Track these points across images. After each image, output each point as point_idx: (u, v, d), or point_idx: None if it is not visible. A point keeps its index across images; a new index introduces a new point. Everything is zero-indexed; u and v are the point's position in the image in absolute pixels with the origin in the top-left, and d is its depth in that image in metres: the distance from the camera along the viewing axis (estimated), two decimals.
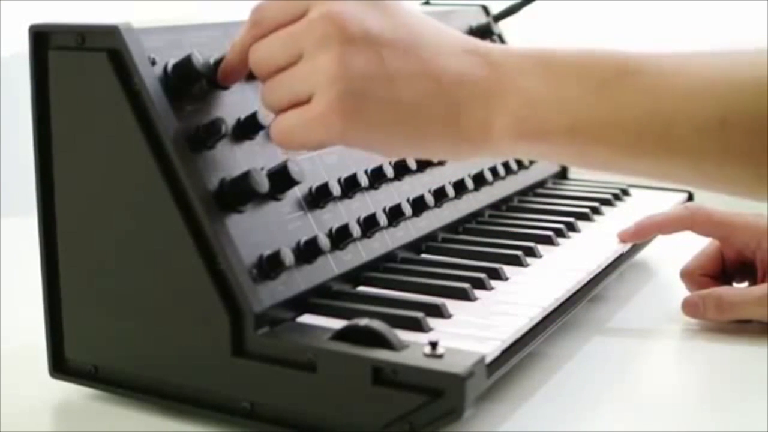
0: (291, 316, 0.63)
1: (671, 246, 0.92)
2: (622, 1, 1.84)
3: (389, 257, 0.74)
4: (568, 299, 0.73)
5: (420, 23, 0.60)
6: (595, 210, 0.95)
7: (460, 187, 0.85)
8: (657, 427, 0.64)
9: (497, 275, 0.74)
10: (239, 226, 0.62)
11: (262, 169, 0.64)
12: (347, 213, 0.71)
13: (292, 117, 0.59)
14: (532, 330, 0.66)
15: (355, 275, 0.70)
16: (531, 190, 1.00)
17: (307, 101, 0.58)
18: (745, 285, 0.84)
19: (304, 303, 0.64)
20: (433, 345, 0.56)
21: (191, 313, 0.61)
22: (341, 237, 0.68)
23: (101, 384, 0.67)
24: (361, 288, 0.70)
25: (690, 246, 0.85)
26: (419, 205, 0.79)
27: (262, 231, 0.63)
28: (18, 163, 1.17)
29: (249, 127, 0.66)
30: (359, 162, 0.75)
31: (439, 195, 0.82)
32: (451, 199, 0.83)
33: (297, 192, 0.67)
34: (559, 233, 0.86)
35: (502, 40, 1.04)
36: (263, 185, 0.63)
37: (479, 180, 0.89)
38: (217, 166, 0.63)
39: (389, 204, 0.76)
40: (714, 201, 0.81)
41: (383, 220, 0.73)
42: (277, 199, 0.66)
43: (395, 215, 0.76)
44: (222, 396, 0.62)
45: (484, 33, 1.00)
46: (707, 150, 0.55)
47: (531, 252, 0.80)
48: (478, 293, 0.70)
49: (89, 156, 0.64)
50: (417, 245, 0.79)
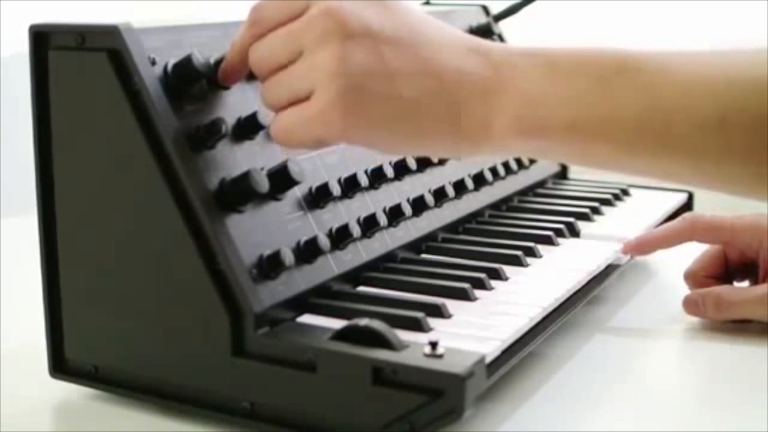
0: (291, 316, 0.63)
1: None
2: (622, 1, 1.84)
3: (389, 257, 0.74)
4: (568, 299, 0.73)
5: (420, 21, 0.60)
6: (595, 210, 0.95)
7: (460, 187, 0.85)
8: (657, 427, 0.64)
9: (497, 275, 0.74)
10: (239, 226, 0.62)
11: (262, 169, 0.64)
12: (347, 213, 0.71)
13: (291, 115, 0.59)
14: (532, 330, 0.67)
15: (355, 275, 0.70)
16: (531, 190, 1.00)
17: (307, 99, 0.58)
18: (746, 284, 0.84)
19: (304, 303, 0.64)
20: (433, 345, 0.56)
21: (191, 313, 0.61)
22: (341, 237, 0.68)
23: (101, 384, 0.67)
24: (361, 288, 0.70)
25: (690, 246, 0.85)
26: (419, 205, 0.79)
27: (262, 231, 0.63)
28: (18, 163, 1.17)
29: (249, 127, 0.66)
30: (359, 162, 0.75)
31: (439, 195, 0.82)
32: (451, 199, 0.83)
33: (297, 192, 0.67)
34: (559, 233, 0.86)
35: (502, 40, 1.04)
36: (263, 185, 0.63)
37: (479, 180, 0.89)
38: (217, 166, 0.63)
39: (389, 204, 0.76)
40: (714, 201, 0.81)
41: (383, 220, 0.73)
42: (277, 199, 0.66)
43: (395, 215, 0.76)
44: (222, 396, 0.62)
45: (484, 33, 1.00)
46: (706, 148, 0.55)
47: (531, 252, 0.80)
48: (478, 293, 0.70)
49: (89, 156, 0.64)
50: (417, 245, 0.79)
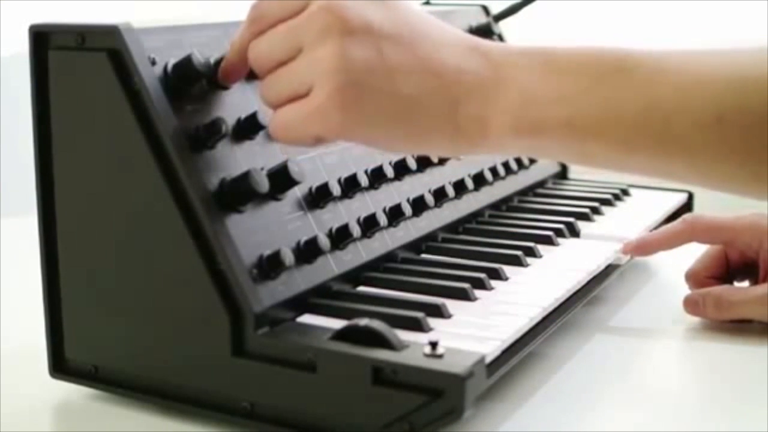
0: (291, 316, 0.63)
1: None
2: (622, 1, 1.84)
3: (389, 257, 0.74)
4: (568, 299, 0.73)
5: (420, 19, 0.60)
6: (595, 210, 0.95)
7: (460, 187, 0.85)
8: (657, 427, 0.64)
9: (497, 275, 0.74)
10: (239, 226, 0.62)
11: (262, 169, 0.64)
12: (347, 213, 0.71)
13: (290, 111, 0.59)
14: (532, 330, 0.67)
15: (355, 275, 0.70)
16: (531, 190, 1.00)
17: (306, 95, 0.58)
18: (746, 284, 0.84)
19: (304, 303, 0.64)
20: (433, 345, 0.56)
21: (191, 313, 0.61)
22: (341, 237, 0.68)
23: (101, 384, 0.67)
24: (361, 288, 0.70)
25: (690, 246, 0.85)
26: (419, 205, 0.79)
27: (262, 231, 0.63)
28: (18, 163, 1.17)
29: (249, 127, 0.66)
30: (359, 162, 0.75)
31: (439, 195, 0.82)
32: (451, 199, 0.83)
33: (297, 192, 0.67)
34: (559, 233, 0.86)
35: (502, 40, 1.04)
36: (263, 185, 0.63)
37: (479, 180, 0.89)
38: (217, 166, 0.63)
39: (389, 204, 0.76)
40: (714, 201, 0.81)
41: (383, 220, 0.73)
42: (277, 199, 0.65)
43: (395, 215, 0.76)
44: (222, 396, 0.62)
45: (484, 33, 1.00)
46: (704, 147, 0.55)
47: (531, 252, 0.80)
48: (478, 293, 0.70)
49: (89, 156, 0.64)
50: (417, 245, 0.79)
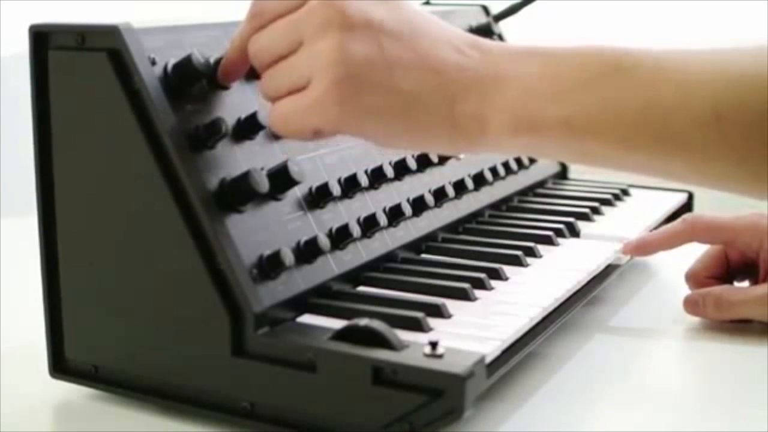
0: (291, 316, 0.63)
1: None
2: (622, 1, 1.84)
3: (389, 257, 0.74)
4: (568, 299, 0.73)
5: (421, 17, 0.60)
6: (595, 210, 0.95)
7: (460, 187, 0.85)
8: (657, 427, 0.64)
9: (497, 275, 0.74)
10: (239, 226, 0.62)
11: (262, 169, 0.64)
12: (347, 213, 0.71)
13: (288, 103, 0.59)
14: (532, 330, 0.66)
15: (355, 275, 0.70)
16: (531, 190, 1.00)
17: (306, 88, 0.58)
18: (746, 284, 0.84)
19: (304, 303, 0.64)
20: (433, 345, 0.56)
21: (191, 313, 0.61)
22: (341, 237, 0.68)
23: (101, 384, 0.67)
24: (361, 288, 0.70)
25: (690, 246, 0.85)
26: (419, 205, 0.79)
27: (262, 231, 0.63)
28: (18, 163, 1.17)
29: (249, 127, 0.66)
30: (359, 162, 0.75)
31: (439, 195, 0.82)
32: (451, 199, 0.83)
33: (297, 192, 0.67)
34: (559, 233, 0.86)
35: (502, 40, 1.04)
36: (263, 185, 0.63)
37: (479, 180, 0.89)
38: (217, 166, 0.63)
39: (389, 204, 0.76)
40: (714, 201, 0.81)
41: (383, 220, 0.73)
42: (277, 199, 0.65)
43: (395, 215, 0.76)
44: (222, 396, 0.62)
45: (484, 33, 1.00)
46: (703, 145, 0.55)
47: (531, 252, 0.80)
48: (478, 293, 0.70)
49: (89, 156, 0.64)
50: (417, 245, 0.79)
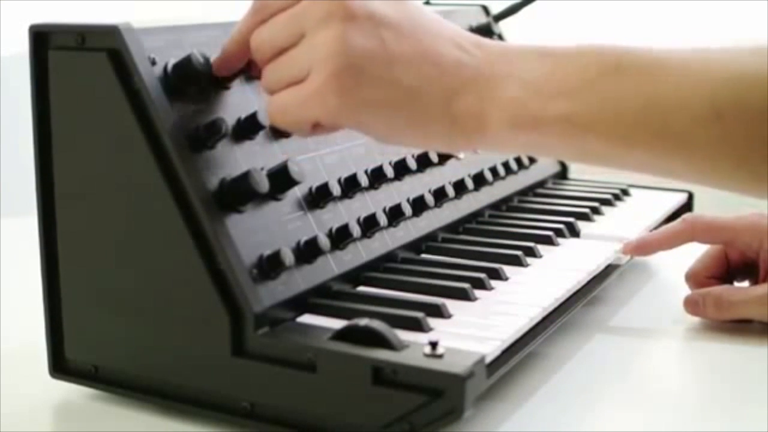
0: (291, 316, 0.63)
1: None
2: (622, 1, 1.84)
3: (389, 257, 0.74)
4: (568, 299, 0.73)
5: (422, 14, 0.60)
6: (595, 210, 0.95)
7: (460, 187, 0.85)
8: (657, 427, 0.64)
9: (497, 275, 0.74)
10: (239, 226, 0.62)
11: (262, 169, 0.64)
12: (347, 213, 0.71)
13: (288, 94, 0.59)
14: (532, 330, 0.66)
15: (355, 275, 0.70)
16: (531, 190, 1.00)
17: (306, 80, 0.58)
18: (746, 284, 0.84)
19: (304, 303, 0.64)
20: (433, 345, 0.56)
21: (191, 313, 0.61)
22: (341, 237, 0.68)
23: (101, 384, 0.67)
24: (361, 288, 0.70)
25: (690, 246, 0.85)
26: (419, 205, 0.79)
27: (262, 231, 0.63)
28: (18, 163, 1.17)
29: (249, 127, 0.66)
30: (359, 162, 0.75)
31: (439, 195, 0.82)
32: (451, 199, 0.83)
33: (297, 192, 0.67)
34: (559, 233, 0.86)
35: (502, 39, 1.04)
36: (263, 185, 0.63)
37: (479, 180, 0.89)
38: (217, 166, 0.63)
39: (389, 204, 0.76)
40: (714, 201, 0.81)
41: (383, 220, 0.73)
42: (277, 199, 0.65)
43: (395, 215, 0.76)
44: (222, 396, 0.62)
45: (484, 33, 1.00)
46: (702, 143, 0.55)
47: (531, 252, 0.80)
48: (478, 293, 0.70)
49: (89, 156, 0.64)
50: (417, 245, 0.79)
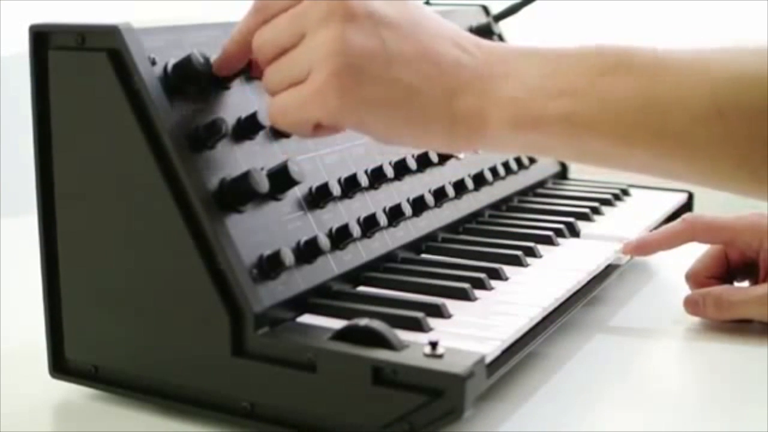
0: (291, 316, 0.63)
1: None
2: (622, 1, 1.84)
3: (389, 257, 0.74)
4: (568, 299, 0.73)
5: (422, 14, 0.60)
6: (595, 210, 0.95)
7: (460, 187, 0.85)
8: (657, 427, 0.64)
9: (497, 275, 0.74)
10: (239, 226, 0.62)
11: (262, 169, 0.64)
12: (347, 213, 0.71)
13: (288, 95, 0.59)
14: (532, 330, 0.66)
15: (355, 275, 0.70)
16: (531, 190, 1.00)
17: (306, 80, 0.58)
18: (746, 284, 0.84)
19: (304, 303, 0.64)
20: (433, 345, 0.56)
21: (191, 313, 0.61)
22: (341, 237, 0.68)
23: (101, 384, 0.67)
24: (361, 288, 0.70)
25: (690, 246, 0.85)
26: (419, 205, 0.79)
27: (262, 231, 0.63)
28: (18, 163, 1.17)
29: (249, 127, 0.66)
30: (359, 162, 0.75)
31: (439, 195, 0.82)
32: (451, 199, 0.83)
33: (297, 192, 0.67)
34: (559, 233, 0.86)
35: (502, 40, 1.04)
36: (263, 185, 0.63)
37: (479, 180, 0.89)
38: (217, 166, 0.63)
39: (389, 204, 0.76)
40: (714, 201, 0.81)
41: (383, 220, 0.73)
42: (277, 199, 0.65)
43: (395, 215, 0.76)
44: (222, 396, 0.62)
45: (484, 33, 1.00)
46: (702, 142, 0.55)
47: (531, 252, 0.80)
48: (478, 293, 0.70)
49: (89, 156, 0.64)
50: (417, 245, 0.79)
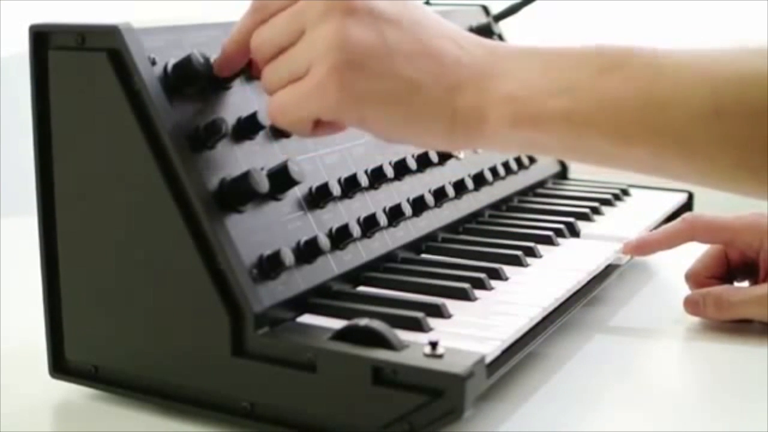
0: (291, 316, 0.63)
1: None
2: (622, 1, 1.84)
3: (389, 257, 0.74)
4: (568, 299, 0.73)
5: (423, 12, 0.60)
6: (595, 210, 0.95)
7: (460, 187, 0.85)
8: (657, 427, 0.64)
9: (497, 275, 0.74)
10: (239, 226, 0.62)
11: (262, 169, 0.64)
12: (347, 213, 0.71)
13: (287, 92, 0.59)
14: (532, 330, 0.66)
15: (355, 275, 0.70)
16: (531, 190, 1.00)
17: (306, 75, 0.58)
18: (746, 284, 0.84)
19: (304, 303, 0.64)
20: (433, 345, 0.56)
21: (191, 313, 0.61)
22: (341, 237, 0.68)
23: (101, 384, 0.67)
24: (361, 288, 0.70)
25: (690, 246, 0.85)
26: (419, 205, 0.79)
27: (262, 231, 0.63)
28: (18, 163, 1.17)
29: (249, 127, 0.66)
30: (359, 162, 0.75)
31: (439, 195, 0.82)
32: (451, 199, 0.83)
33: (297, 192, 0.67)
34: (559, 233, 0.86)
35: (502, 40, 1.04)
36: (263, 185, 0.63)
37: (479, 180, 0.89)
38: (217, 166, 0.63)
39: (389, 204, 0.76)
40: (714, 201, 0.81)
41: (383, 220, 0.73)
42: (277, 199, 0.65)
43: (395, 215, 0.76)
44: (222, 396, 0.62)
45: (484, 33, 1.00)
46: (702, 141, 0.55)
47: (531, 252, 0.80)
48: (478, 293, 0.70)
49: (89, 156, 0.64)
50: (417, 245, 0.79)
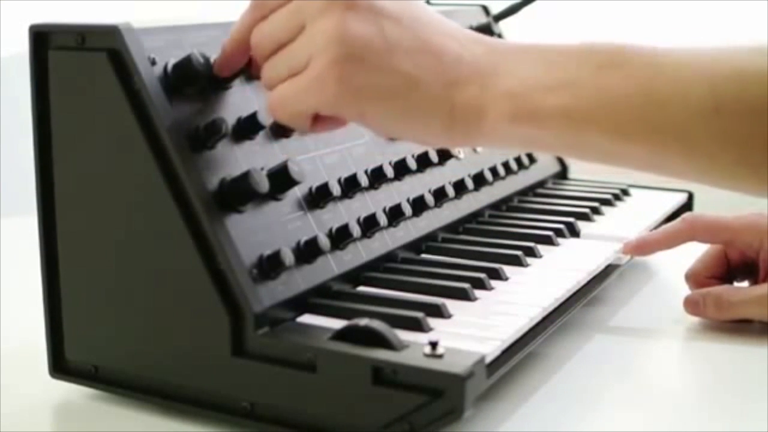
0: (291, 316, 0.63)
1: None
2: (622, 1, 1.84)
3: (389, 257, 0.74)
4: (568, 299, 0.73)
5: (423, 9, 0.60)
6: (595, 210, 0.95)
7: (460, 187, 0.85)
8: (657, 427, 0.64)
9: (497, 275, 0.74)
10: (239, 226, 0.62)
11: (262, 169, 0.64)
12: (347, 213, 0.71)
13: (286, 86, 0.59)
14: (532, 330, 0.66)
15: (355, 275, 0.70)
16: (531, 190, 1.00)
17: (305, 69, 0.58)
18: (746, 284, 0.84)
19: (304, 303, 0.64)
20: (433, 345, 0.56)
21: (191, 313, 0.61)
22: (341, 237, 0.68)
23: (101, 384, 0.67)
24: (361, 288, 0.70)
25: (690, 246, 0.85)
26: (419, 205, 0.79)
27: (262, 231, 0.63)
28: (18, 163, 1.17)
29: (249, 127, 0.66)
30: (359, 162, 0.75)
31: (439, 195, 0.82)
32: (451, 199, 0.83)
33: (297, 192, 0.67)
34: (559, 233, 0.86)
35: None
36: (263, 185, 0.63)
37: (479, 180, 0.89)
38: (217, 166, 0.63)
39: (389, 204, 0.76)
40: (714, 200, 0.81)
41: (383, 220, 0.73)
42: (277, 199, 0.66)
43: (395, 215, 0.76)
44: (222, 396, 0.62)
45: (484, 33, 0.99)
46: (702, 138, 0.55)
47: (531, 252, 0.80)
48: (478, 293, 0.70)
49: (89, 156, 0.64)
50: (417, 245, 0.79)
